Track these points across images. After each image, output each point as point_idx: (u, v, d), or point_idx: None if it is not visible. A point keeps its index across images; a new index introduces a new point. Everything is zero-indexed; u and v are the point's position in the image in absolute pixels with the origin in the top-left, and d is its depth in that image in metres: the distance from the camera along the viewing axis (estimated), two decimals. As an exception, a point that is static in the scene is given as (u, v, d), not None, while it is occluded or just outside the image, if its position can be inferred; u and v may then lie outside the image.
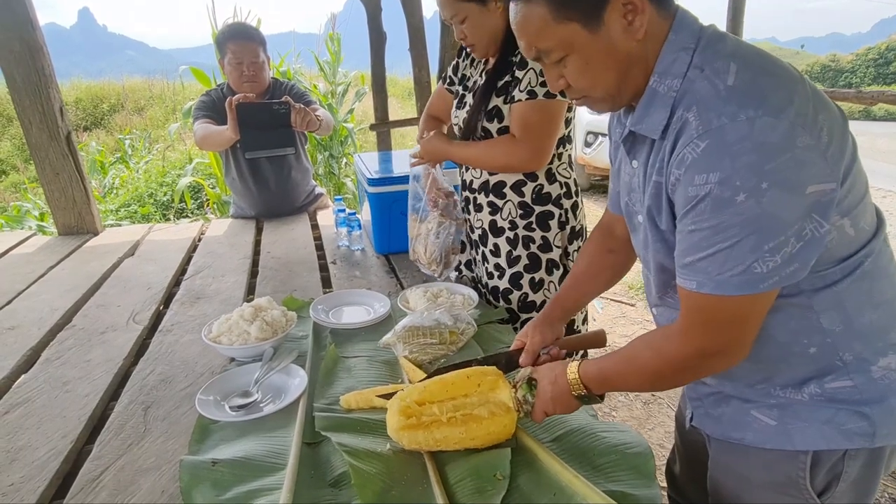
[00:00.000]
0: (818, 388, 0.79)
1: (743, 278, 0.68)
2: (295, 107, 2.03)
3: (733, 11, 3.60)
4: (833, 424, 0.79)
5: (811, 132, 0.65)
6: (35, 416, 1.07)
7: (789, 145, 0.64)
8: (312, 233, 2.20)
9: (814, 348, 0.79)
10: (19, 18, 2.05)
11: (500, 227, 1.53)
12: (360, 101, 6.05)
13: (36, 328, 1.45)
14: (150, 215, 5.35)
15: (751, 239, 0.66)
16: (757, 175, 0.64)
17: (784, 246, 0.66)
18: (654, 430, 2.35)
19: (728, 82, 0.68)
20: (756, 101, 0.66)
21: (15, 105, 2.15)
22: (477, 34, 1.39)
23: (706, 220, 0.68)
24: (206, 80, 5.10)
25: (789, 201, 0.65)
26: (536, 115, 1.36)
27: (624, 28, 0.73)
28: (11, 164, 9.25)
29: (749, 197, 0.64)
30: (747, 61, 0.70)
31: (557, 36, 0.75)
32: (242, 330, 1.21)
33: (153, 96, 10.68)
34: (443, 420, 0.88)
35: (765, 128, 0.64)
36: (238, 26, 2.25)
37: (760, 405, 0.84)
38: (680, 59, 0.73)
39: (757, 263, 0.67)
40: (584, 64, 0.76)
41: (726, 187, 0.65)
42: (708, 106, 0.68)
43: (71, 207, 2.30)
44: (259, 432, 0.96)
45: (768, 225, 0.65)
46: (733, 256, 0.67)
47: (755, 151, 0.64)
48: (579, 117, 6.51)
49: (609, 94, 0.79)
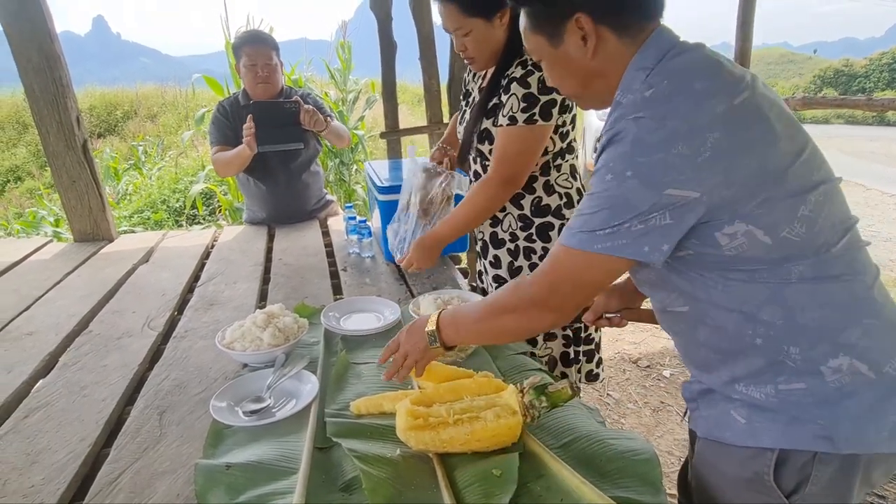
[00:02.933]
0: (773, 389, 0.83)
1: (585, 237, 0.80)
2: (304, 106, 2.16)
3: (742, 18, 3.59)
4: (795, 426, 0.81)
5: (691, 145, 0.74)
6: (54, 419, 1.09)
7: (664, 148, 0.74)
8: (323, 240, 2.23)
9: (759, 339, 0.82)
10: (38, 29, 2.10)
11: (501, 238, 1.55)
12: (370, 108, 6.09)
13: (53, 333, 1.48)
14: (162, 221, 5.42)
15: (605, 212, 0.78)
16: (625, 163, 0.77)
17: (627, 223, 0.77)
18: (663, 438, 2.34)
19: (646, 94, 0.79)
20: (651, 109, 0.77)
21: (33, 114, 2.20)
22: (479, 48, 1.41)
23: (589, 190, 0.82)
24: (218, 87, 5.17)
25: (644, 193, 0.75)
26: (514, 144, 1.39)
27: (580, 47, 0.86)
28: (27, 170, 9.41)
29: (614, 178, 0.77)
30: (679, 77, 0.79)
31: (531, 43, 0.93)
32: (255, 336, 1.23)
33: (166, 103, 10.82)
34: (449, 421, 0.90)
35: (646, 129, 0.76)
36: (253, 32, 2.36)
37: (736, 405, 0.87)
38: (637, 76, 0.83)
39: (601, 231, 0.79)
40: (550, 68, 0.94)
41: (604, 167, 0.79)
42: (627, 110, 0.80)
43: (87, 215, 2.35)
44: (272, 437, 0.98)
45: (621, 206, 0.77)
46: (590, 222, 0.80)
47: (631, 144, 0.76)
48: (589, 124, 6.52)
49: (575, 95, 0.96)
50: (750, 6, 3.58)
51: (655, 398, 2.64)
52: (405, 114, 9.27)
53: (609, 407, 2.58)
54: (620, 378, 2.82)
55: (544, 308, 0.88)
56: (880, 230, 5.13)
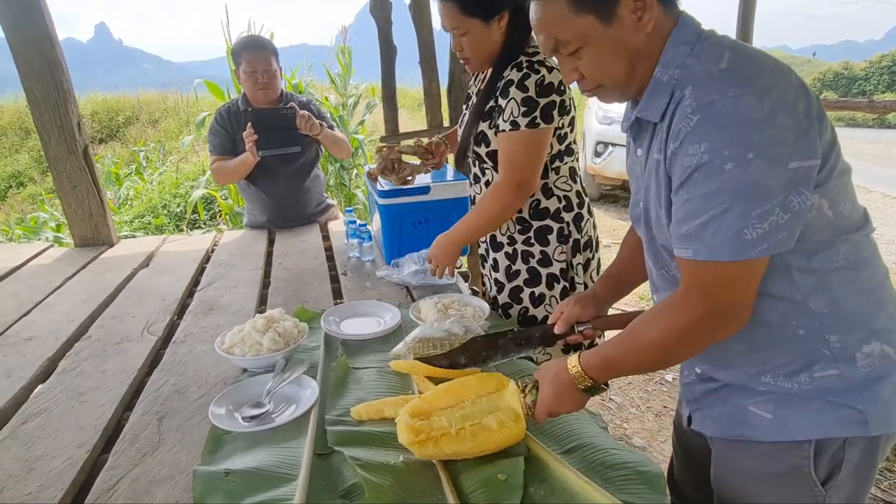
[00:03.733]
0: (808, 376, 0.82)
1: (734, 244, 0.73)
2: (299, 112, 2.19)
3: (743, 19, 3.59)
4: (827, 413, 0.82)
5: (791, 114, 0.72)
6: (52, 425, 1.08)
7: (771, 123, 0.70)
8: (323, 244, 2.22)
9: (802, 330, 0.82)
10: (40, 35, 2.10)
11: (500, 241, 1.54)
12: (370, 112, 6.10)
13: (53, 339, 1.47)
14: (163, 226, 5.42)
15: (739, 206, 0.72)
16: (743, 145, 0.70)
17: (770, 214, 0.72)
18: (667, 443, 2.33)
19: (720, 66, 0.75)
20: (744, 82, 0.73)
21: (34, 119, 2.20)
22: (475, 49, 1.41)
23: (699, 188, 0.74)
24: (219, 92, 5.18)
25: (773, 172, 0.71)
26: (520, 149, 1.38)
27: (634, 23, 0.80)
28: (29, 175, 9.44)
29: (736, 165, 0.71)
30: (739, 50, 0.78)
31: (574, 27, 0.82)
32: (255, 341, 1.22)
33: (167, 109, 10.86)
34: (452, 433, 0.89)
35: (749, 105, 0.71)
36: (252, 38, 2.36)
37: (757, 400, 0.86)
38: (681, 51, 0.80)
39: (746, 230, 0.72)
40: (597, 55, 0.83)
41: (716, 156, 0.72)
42: (701, 84, 0.75)
43: (87, 219, 2.34)
44: (271, 443, 0.97)
45: (755, 193, 0.71)
46: (724, 223, 0.73)
47: (741, 124, 0.71)
48: (589, 127, 6.52)
49: (618, 84, 0.86)
50: (750, 8, 3.58)
51: (658, 402, 2.62)
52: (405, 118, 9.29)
53: (611, 412, 2.56)
54: (622, 382, 2.80)
55: (710, 329, 0.79)
56: (883, 233, 5.12)
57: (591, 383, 0.88)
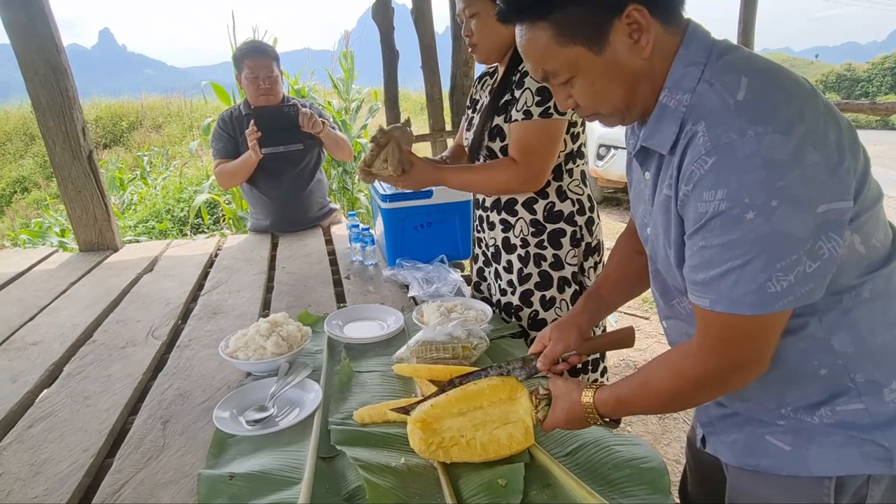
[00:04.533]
0: (830, 411, 0.78)
1: (756, 297, 0.66)
2: (302, 110, 2.22)
3: (744, 23, 3.60)
4: (850, 449, 0.77)
5: (822, 150, 0.64)
6: (57, 429, 1.09)
7: (799, 163, 0.63)
8: (326, 248, 2.23)
9: (825, 370, 0.77)
10: (45, 42, 2.12)
11: (513, 244, 1.53)
12: (373, 116, 6.12)
13: (58, 343, 1.48)
14: (167, 231, 5.45)
15: (762, 258, 0.65)
16: (766, 192, 0.62)
17: (797, 265, 0.65)
18: (670, 446, 2.32)
19: (738, 96, 0.67)
20: (765, 117, 0.64)
21: (40, 125, 2.22)
22: (483, 35, 1.40)
23: (716, 237, 0.67)
24: (224, 95, 5.22)
25: (800, 219, 0.63)
26: (532, 136, 1.36)
27: (629, 47, 0.73)
28: (34, 181, 9.50)
29: (758, 215, 0.63)
30: (759, 74, 0.69)
31: (562, 58, 0.76)
32: (259, 345, 1.23)
33: (171, 114, 10.92)
34: (462, 443, 0.89)
35: (774, 144, 0.63)
36: (253, 44, 2.38)
37: (774, 430, 0.82)
38: (690, 73, 0.72)
39: (770, 283, 0.65)
40: (589, 84, 0.77)
41: (735, 204, 0.64)
42: (717, 120, 0.67)
43: (92, 224, 2.36)
44: (275, 446, 0.97)
45: (779, 243, 0.64)
46: (745, 275, 0.66)
47: (764, 168, 0.63)
48: (591, 130, 6.53)
49: (617, 111, 0.80)
50: (751, 10, 3.59)
51: (661, 405, 2.62)
52: (408, 122, 9.29)
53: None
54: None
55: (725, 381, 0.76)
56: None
57: (600, 421, 0.87)
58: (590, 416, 0.86)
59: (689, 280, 0.74)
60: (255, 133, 2.16)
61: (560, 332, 1.05)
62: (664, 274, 0.88)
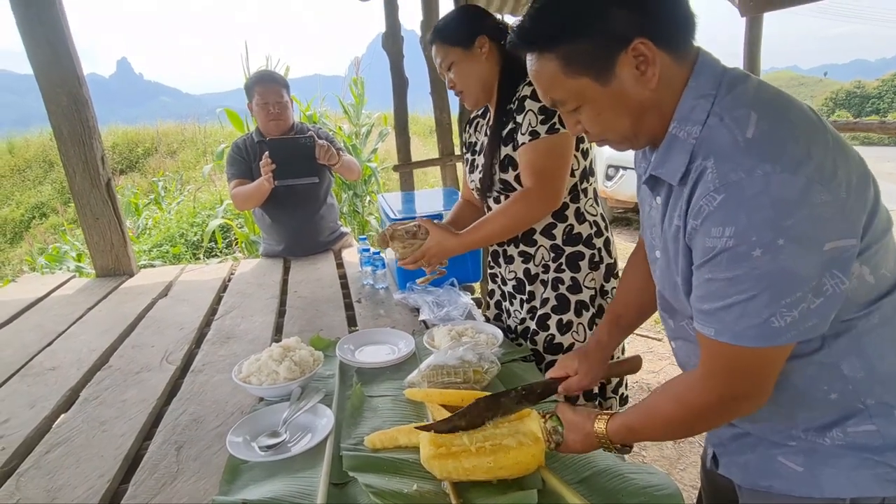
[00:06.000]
0: (841, 432, 0.78)
1: (760, 331, 0.68)
2: (318, 141, 2.24)
3: (750, 45, 3.63)
4: (862, 471, 0.77)
5: (829, 188, 0.65)
6: (74, 455, 1.10)
7: (806, 202, 0.64)
8: (338, 271, 2.25)
9: (835, 394, 0.77)
10: (67, 75, 2.20)
11: (535, 273, 1.51)
12: (383, 141, 6.21)
13: (75, 369, 1.50)
14: (180, 255, 5.52)
15: (767, 293, 0.66)
16: (773, 231, 0.64)
17: (802, 301, 0.66)
18: (686, 471, 2.28)
19: (747, 134, 0.68)
20: (773, 156, 0.65)
21: (60, 154, 2.28)
22: (465, 80, 1.43)
23: (722, 271, 0.69)
24: (238, 121, 5.34)
25: (806, 258, 0.65)
26: (543, 156, 1.35)
27: (636, 78, 0.75)
28: (52, 206, 9.70)
29: (765, 252, 0.65)
30: (768, 110, 0.70)
31: (569, 88, 0.78)
32: (271, 370, 1.24)
33: (185, 140, 11.14)
34: (472, 450, 0.90)
35: (782, 184, 0.64)
36: (263, 72, 2.46)
37: (786, 451, 0.82)
38: (699, 106, 0.74)
39: (774, 318, 0.67)
40: (596, 114, 0.79)
41: (742, 241, 0.65)
42: (726, 157, 0.68)
43: (109, 250, 2.41)
44: (287, 472, 0.98)
45: (784, 280, 0.65)
46: (750, 309, 0.68)
47: (772, 207, 0.64)
48: (600, 151, 6.56)
49: (625, 138, 0.82)
50: (756, 32, 3.62)
51: (676, 429, 2.58)
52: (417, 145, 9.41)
53: (629, 438, 2.52)
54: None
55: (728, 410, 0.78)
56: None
57: (613, 449, 0.89)
58: (604, 445, 0.88)
59: (696, 308, 0.75)
60: (269, 165, 2.18)
61: (589, 364, 1.10)
62: (671, 300, 0.90)
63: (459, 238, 1.43)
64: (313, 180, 2.34)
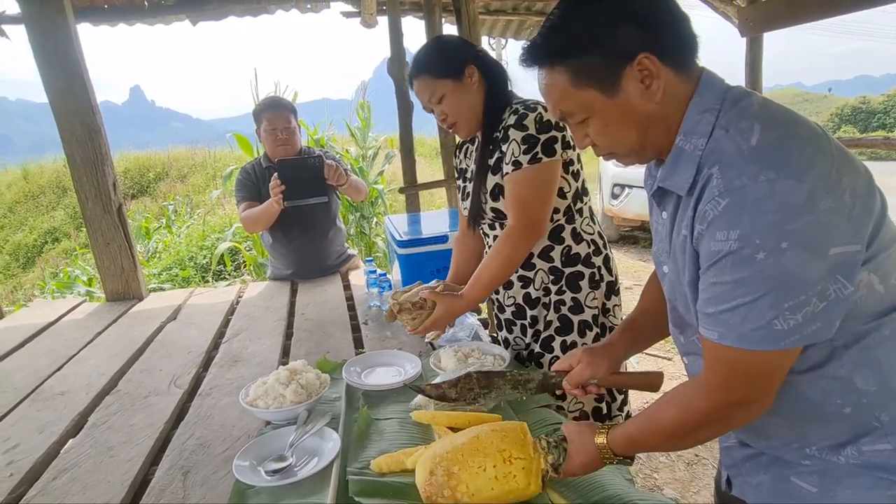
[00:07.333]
0: (856, 451, 0.77)
1: (763, 333, 0.69)
2: (327, 162, 2.26)
3: (751, 65, 3.65)
4: (878, 492, 0.75)
5: (833, 195, 0.67)
6: (81, 481, 1.10)
7: (811, 207, 0.65)
8: (344, 293, 2.26)
9: (848, 408, 0.76)
10: (81, 104, 2.26)
11: (535, 297, 1.51)
12: (389, 163, 6.27)
13: (84, 393, 1.51)
14: (190, 278, 5.56)
15: (770, 296, 0.67)
16: (777, 234, 0.65)
17: (805, 305, 0.67)
18: (699, 494, 2.24)
19: (751, 142, 0.71)
20: (778, 163, 0.67)
21: (74, 181, 2.33)
22: (457, 111, 1.43)
23: (727, 274, 0.70)
24: (248, 145, 5.42)
25: (810, 262, 0.66)
26: (524, 187, 1.36)
27: (641, 92, 0.78)
28: (64, 231, 9.84)
29: (769, 255, 0.66)
30: (772, 121, 0.73)
31: (577, 100, 0.81)
32: (278, 393, 1.24)
33: (195, 164, 11.31)
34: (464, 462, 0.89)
35: (787, 189, 0.66)
36: (271, 99, 2.51)
37: (800, 471, 0.81)
38: (704, 119, 0.77)
39: (777, 320, 0.68)
40: (604, 126, 0.82)
41: (746, 245, 0.67)
42: (731, 164, 0.71)
43: (119, 275, 2.44)
44: (294, 497, 0.97)
45: (788, 283, 0.67)
46: (754, 312, 0.69)
47: (776, 211, 0.66)
48: (606, 170, 6.59)
49: (632, 151, 0.84)
50: (757, 53, 3.65)
51: (689, 451, 2.53)
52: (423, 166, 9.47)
53: (640, 461, 2.48)
54: (651, 429, 2.71)
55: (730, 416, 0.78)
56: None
57: (614, 460, 0.88)
58: (605, 457, 0.88)
59: (701, 312, 0.76)
60: (278, 186, 2.21)
61: (592, 357, 1.08)
62: (682, 312, 0.90)
63: (465, 299, 1.45)
64: (322, 199, 2.34)
